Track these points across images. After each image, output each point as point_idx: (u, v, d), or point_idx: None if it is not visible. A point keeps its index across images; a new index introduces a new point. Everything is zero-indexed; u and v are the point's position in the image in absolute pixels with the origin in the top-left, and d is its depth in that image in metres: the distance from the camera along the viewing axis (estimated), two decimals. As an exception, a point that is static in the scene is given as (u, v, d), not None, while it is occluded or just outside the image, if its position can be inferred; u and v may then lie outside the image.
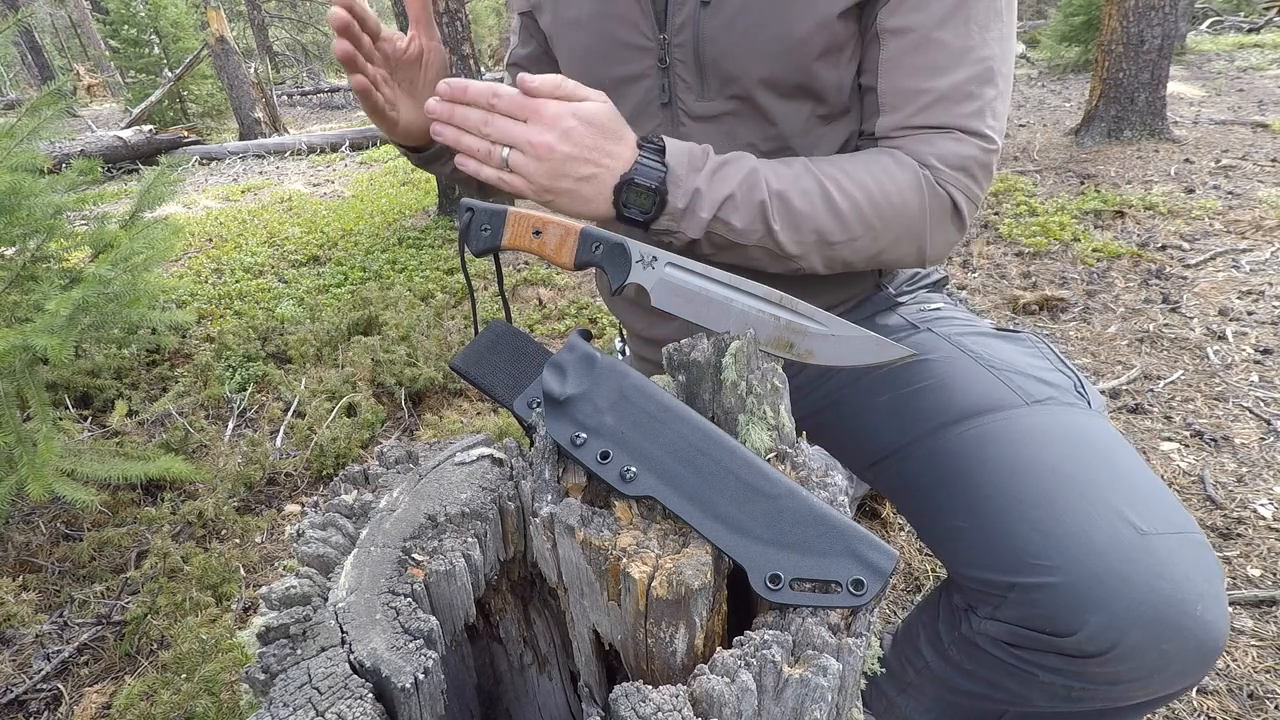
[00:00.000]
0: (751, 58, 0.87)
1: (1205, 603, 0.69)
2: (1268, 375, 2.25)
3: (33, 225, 1.81)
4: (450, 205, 4.66)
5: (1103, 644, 0.69)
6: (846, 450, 1.02)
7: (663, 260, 0.74)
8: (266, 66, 13.96)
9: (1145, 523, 0.72)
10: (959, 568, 0.81)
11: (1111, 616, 0.68)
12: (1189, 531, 0.73)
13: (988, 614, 0.79)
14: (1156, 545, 0.70)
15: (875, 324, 1.05)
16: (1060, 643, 0.72)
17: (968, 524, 0.79)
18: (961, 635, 0.84)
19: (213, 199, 6.14)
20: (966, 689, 0.87)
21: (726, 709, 0.46)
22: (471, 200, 0.80)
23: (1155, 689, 0.74)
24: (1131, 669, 0.70)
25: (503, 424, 2.25)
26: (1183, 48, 8.77)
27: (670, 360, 0.67)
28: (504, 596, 0.73)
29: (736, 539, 0.54)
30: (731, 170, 0.80)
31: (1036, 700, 0.80)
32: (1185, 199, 3.79)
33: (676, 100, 0.94)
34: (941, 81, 0.82)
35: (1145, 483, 0.76)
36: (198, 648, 1.47)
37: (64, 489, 1.58)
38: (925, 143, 0.84)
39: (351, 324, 2.97)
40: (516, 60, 1.15)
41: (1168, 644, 0.68)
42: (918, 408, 0.90)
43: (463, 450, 0.73)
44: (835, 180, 0.82)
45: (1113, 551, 0.70)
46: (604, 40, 0.94)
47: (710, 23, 0.87)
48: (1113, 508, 0.73)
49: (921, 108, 0.83)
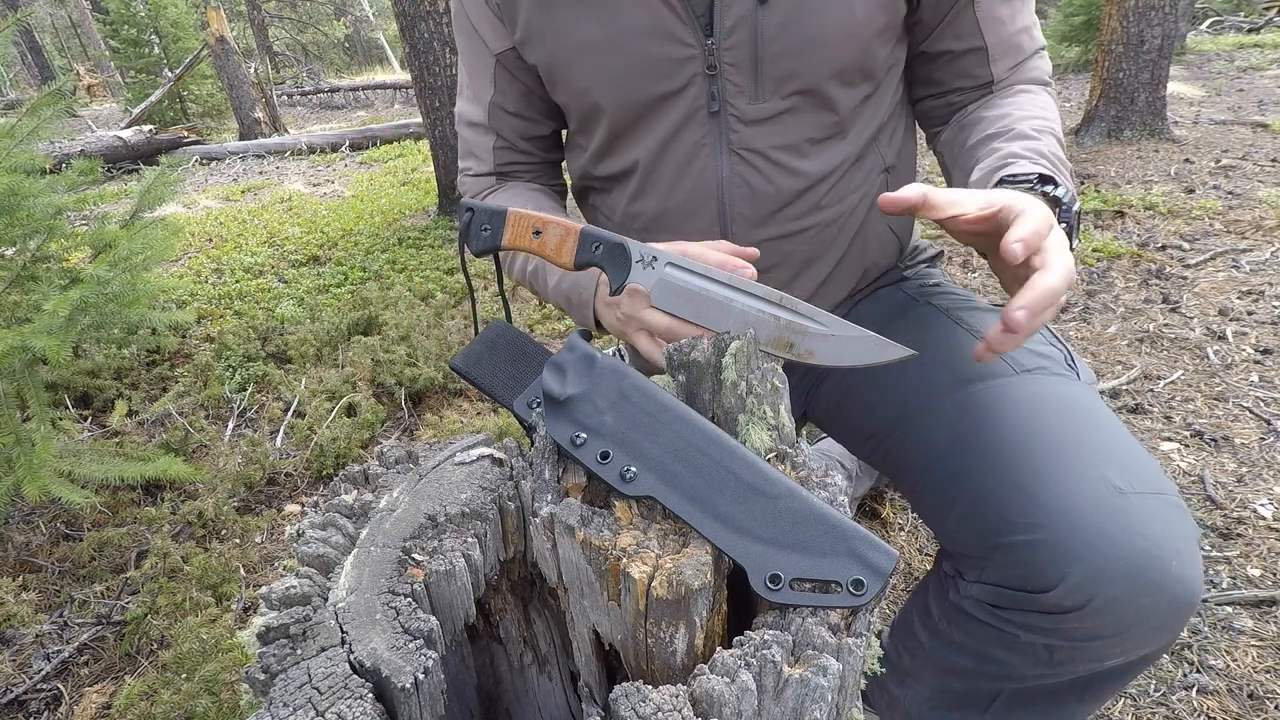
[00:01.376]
0: (816, 50, 0.87)
1: (1181, 559, 0.71)
2: (1268, 375, 2.25)
3: (33, 225, 1.80)
4: (450, 205, 4.66)
5: (1081, 597, 0.71)
6: (843, 425, 1.04)
7: (662, 260, 0.74)
8: (266, 66, 13.97)
9: (1125, 483, 0.73)
10: (949, 534, 0.83)
11: (1090, 570, 0.70)
12: (1167, 494, 0.75)
13: (974, 577, 0.81)
14: (1135, 504, 0.72)
15: (880, 298, 1.07)
16: (1040, 599, 0.73)
17: (958, 491, 0.81)
18: (950, 604, 0.85)
19: (213, 199, 6.14)
20: (958, 665, 0.88)
21: (726, 709, 0.46)
22: (471, 200, 0.80)
23: (1132, 646, 0.76)
24: (1109, 623, 0.72)
25: (503, 424, 2.25)
26: (1183, 48, 8.77)
27: (670, 360, 0.67)
28: (504, 596, 0.73)
29: (736, 539, 0.54)
30: (1058, 162, 0.81)
31: (1021, 667, 0.81)
32: (1185, 199, 3.79)
33: (727, 106, 0.90)
34: (1022, 18, 0.95)
35: (1128, 447, 0.78)
36: (198, 648, 1.47)
37: (60, 490, 1.58)
38: (1032, 68, 0.97)
39: (351, 324, 2.97)
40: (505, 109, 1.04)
41: (1144, 598, 0.70)
42: (912, 381, 0.91)
43: (463, 450, 0.73)
44: (1054, 130, 0.88)
45: (1093, 509, 0.72)
46: (632, 58, 0.89)
47: (769, 20, 0.85)
48: (1095, 469, 0.74)
49: (1023, 44, 0.96)
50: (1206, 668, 1.36)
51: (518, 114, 1.05)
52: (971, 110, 0.97)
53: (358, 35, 24.55)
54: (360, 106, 13.14)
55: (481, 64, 1.02)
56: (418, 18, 4.23)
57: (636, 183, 1.00)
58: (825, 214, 0.98)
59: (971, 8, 0.92)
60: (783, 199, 0.95)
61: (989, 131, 0.89)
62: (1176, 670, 1.37)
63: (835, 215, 0.98)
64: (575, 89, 0.96)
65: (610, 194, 1.06)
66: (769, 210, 0.95)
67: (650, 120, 0.94)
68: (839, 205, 0.98)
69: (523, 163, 1.10)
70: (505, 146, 1.08)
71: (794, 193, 0.95)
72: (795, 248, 0.99)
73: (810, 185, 0.95)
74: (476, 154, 1.10)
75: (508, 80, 1.02)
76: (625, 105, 0.93)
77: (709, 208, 0.96)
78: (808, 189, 0.95)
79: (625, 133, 0.97)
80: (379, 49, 22.12)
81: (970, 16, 0.92)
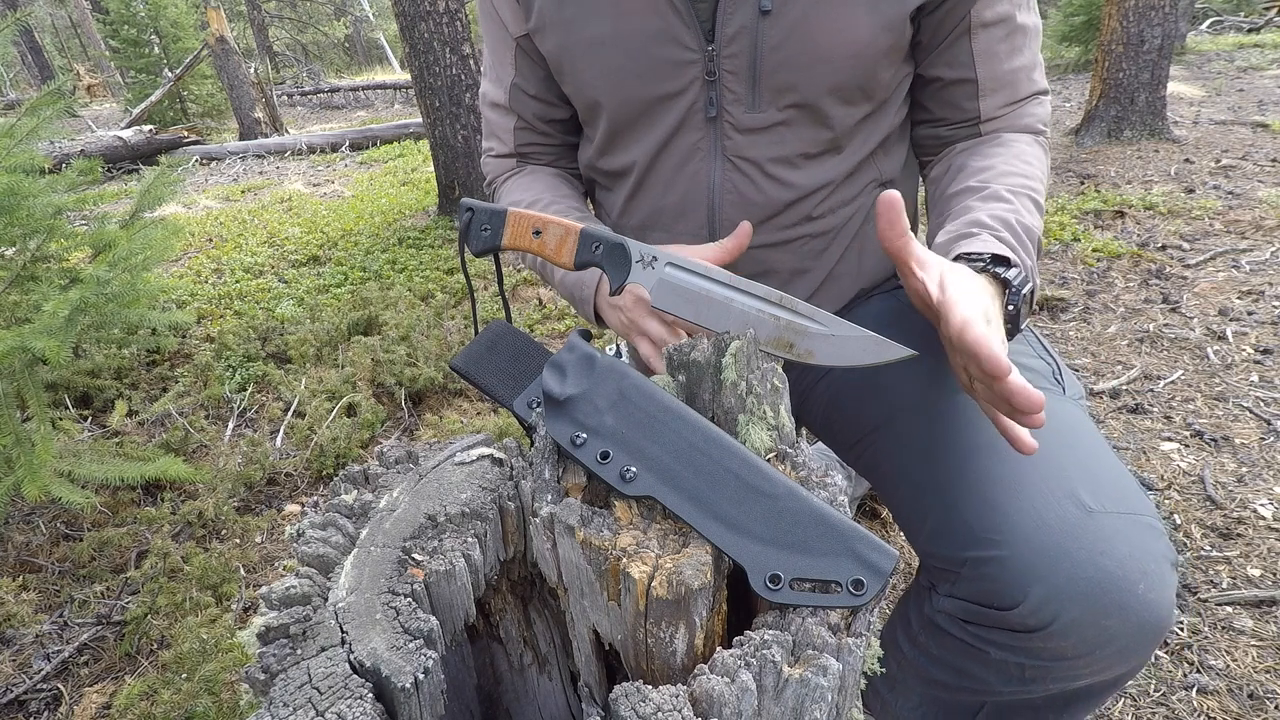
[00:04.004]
0: (817, 66, 0.86)
1: (1149, 582, 0.70)
2: (1268, 375, 2.25)
3: (33, 225, 1.80)
4: (450, 205, 4.67)
5: (1044, 617, 0.70)
6: (831, 430, 1.03)
7: (662, 260, 0.74)
8: (266, 66, 13.95)
9: (1095, 502, 0.73)
10: (923, 545, 0.83)
11: (1051, 590, 0.69)
12: (1140, 514, 0.74)
13: (946, 591, 0.80)
14: (1102, 524, 0.71)
15: (876, 306, 1.06)
16: (1005, 617, 0.73)
17: (932, 502, 0.81)
18: (925, 616, 0.85)
19: (213, 199, 6.14)
20: (938, 678, 0.88)
21: (726, 709, 0.46)
22: (471, 200, 0.80)
23: (1101, 668, 0.75)
24: (1073, 644, 0.71)
25: (503, 424, 2.25)
26: (1183, 48, 8.76)
27: (670, 360, 0.67)
28: (504, 596, 0.73)
29: (736, 539, 0.54)
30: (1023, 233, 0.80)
31: (996, 684, 0.81)
32: (1185, 199, 3.79)
33: (724, 113, 0.91)
34: (1025, 57, 0.93)
35: (1104, 465, 0.77)
36: (198, 648, 1.47)
37: (60, 490, 1.58)
38: (1027, 114, 0.95)
39: (351, 324, 2.97)
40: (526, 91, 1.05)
41: (1108, 620, 0.69)
42: (894, 388, 0.91)
43: (463, 450, 0.72)
44: (1032, 190, 0.87)
45: (1058, 527, 0.71)
46: (638, 59, 0.90)
47: (771, 32, 0.85)
48: (1065, 487, 0.74)
49: (1019, 85, 0.94)
50: (1206, 668, 1.36)
51: (538, 96, 1.05)
52: (959, 151, 0.96)
53: (358, 35, 24.55)
54: (360, 106, 13.14)
55: (503, 46, 1.04)
56: (418, 18, 4.23)
57: (633, 182, 1.01)
58: (815, 225, 0.98)
59: (968, 37, 0.90)
60: (772, 208, 0.95)
61: (968, 184, 0.88)
62: (1176, 670, 1.37)
63: (826, 228, 0.98)
64: (579, 83, 0.97)
65: (611, 191, 1.07)
66: (758, 219, 0.95)
67: (649, 121, 0.95)
68: (830, 218, 0.98)
69: (542, 144, 1.11)
70: (525, 128, 1.09)
71: (784, 203, 0.95)
72: (784, 257, 0.99)
73: (801, 197, 0.95)
74: (499, 135, 1.12)
75: (528, 64, 1.03)
76: (625, 103, 0.94)
77: (699, 211, 0.97)
78: (798, 200, 0.95)
79: (624, 131, 0.98)
80: (379, 49, 22.12)
81: (965, 47, 0.91)
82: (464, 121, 4.46)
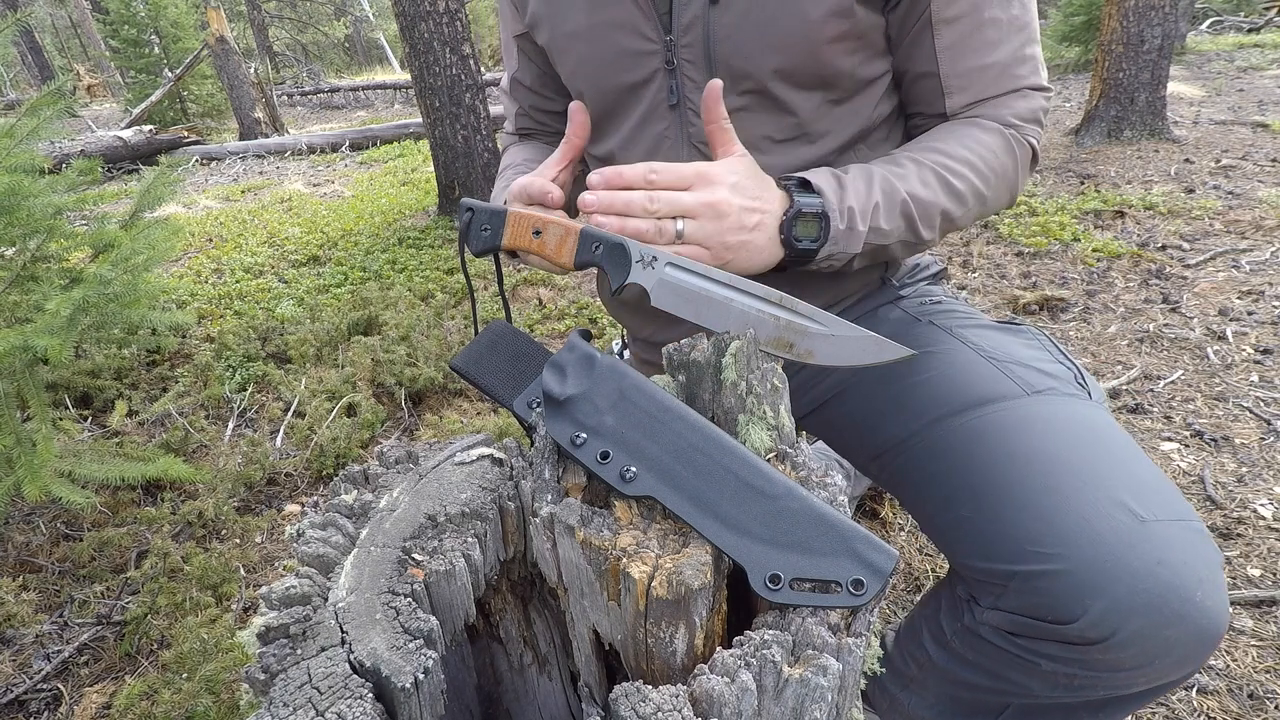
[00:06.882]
0: (765, 52, 0.88)
1: (1205, 589, 0.69)
2: (1268, 375, 2.25)
3: (33, 225, 1.80)
4: (450, 205, 4.67)
5: (1104, 630, 0.69)
6: (849, 444, 1.02)
7: (662, 260, 0.74)
8: (266, 66, 13.96)
9: (1146, 510, 0.72)
10: (962, 559, 0.81)
11: (1112, 603, 0.68)
12: (1189, 520, 0.73)
13: (990, 604, 0.79)
14: (1157, 532, 0.70)
15: (878, 317, 1.05)
16: (1062, 630, 0.72)
17: (970, 514, 0.80)
18: (964, 627, 0.84)
19: (213, 199, 6.14)
20: (970, 681, 0.87)
21: (726, 709, 0.46)
22: (471, 200, 0.80)
23: (1156, 676, 0.74)
24: (1133, 655, 0.70)
25: (503, 424, 2.25)
26: (1183, 48, 8.76)
27: (670, 360, 0.67)
28: (504, 596, 0.73)
29: (736, 539, 0.54)
30: (865, 181, 0.83)
31: (1039, 690, 0.80)
32: (1185, 199, 3.79)
33: (685, 101, 0.94)
34: (1000, 54, 0.90)
35: (1146, 471, 0.77)
36: (198, 648, 1.47)
37: (60, 490, 1.58)
38: (1000, 106, 0.92)
39: (351, 324, 2.97)
40: (523, 83, 1.16)
41: (1169, 630, 0.69)
42: (919, 400, 0.90)
43: (463, 450, 0.73)
44: (945, 165, 0.87)
45: (1113, 538, 0.70)
46: (606, 49, 0.95)
47: (721, 20, 0.87)
48: (1113, 496, 0.73)
49: (988, 81, 0.91)
50: (1206, 668, 1.36)
51: (532, 89, 1.16)
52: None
53: (358, 35, 24.55)
54: (360, 106, 13.14)
55: (509, 40, 1.13)
56: (418, 18, 4.23)
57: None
58: None
59: (930, 32, 0.89)
60: None
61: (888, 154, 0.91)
62: (1176, 670, 1.37)
63: None
64: (565, 74, 1.04)
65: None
66: None
67: (622, 109, 0.99)
68: None
69: (539, 130, 1.23)
70: (524, 115, 1.21)
71: None
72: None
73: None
74: (508, 116, 1.25)
75: (525, 60, 1.13)
76: (601, 94, 0.99)
77: None
78: None
79: (602, 120, 1.02)
80: (379, 49, 22.12)
81: (928, 43, 0.90)
82: (464, 121, 4.46)
